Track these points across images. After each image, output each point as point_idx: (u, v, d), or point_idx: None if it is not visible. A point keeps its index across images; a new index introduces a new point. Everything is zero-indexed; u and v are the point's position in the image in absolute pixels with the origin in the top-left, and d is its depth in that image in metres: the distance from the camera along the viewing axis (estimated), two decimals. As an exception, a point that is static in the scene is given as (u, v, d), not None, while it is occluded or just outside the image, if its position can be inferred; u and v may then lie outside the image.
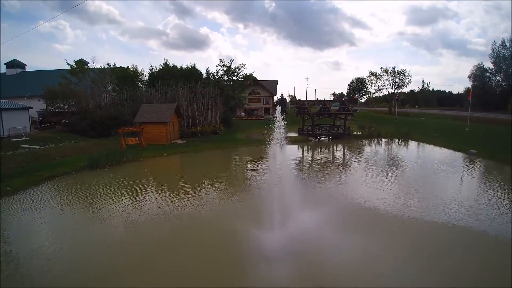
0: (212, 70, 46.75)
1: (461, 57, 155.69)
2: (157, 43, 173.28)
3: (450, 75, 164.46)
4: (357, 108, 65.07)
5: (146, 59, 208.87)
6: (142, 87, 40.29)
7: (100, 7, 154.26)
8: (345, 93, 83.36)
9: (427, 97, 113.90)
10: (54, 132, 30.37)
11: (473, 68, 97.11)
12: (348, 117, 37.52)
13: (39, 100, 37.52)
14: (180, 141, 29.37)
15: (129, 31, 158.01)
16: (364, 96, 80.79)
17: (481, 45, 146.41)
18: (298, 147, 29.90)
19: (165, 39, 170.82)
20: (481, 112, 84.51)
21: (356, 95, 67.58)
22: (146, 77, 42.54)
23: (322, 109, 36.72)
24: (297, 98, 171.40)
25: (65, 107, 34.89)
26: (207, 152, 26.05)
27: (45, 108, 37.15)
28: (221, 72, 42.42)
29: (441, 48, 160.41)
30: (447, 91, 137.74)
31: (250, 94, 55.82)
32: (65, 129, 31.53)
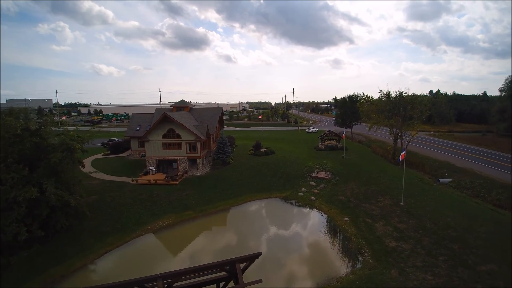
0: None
1: (466, 54, 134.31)
2: (156, 43, 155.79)
3: (455, 73, 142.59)
4: (343, 155, 44.23)
5: (147, 60, 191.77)
6: None
7: (95, 8, 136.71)
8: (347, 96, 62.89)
9: (443, 113, 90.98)
10: None
11: (506, 79, 74.57)
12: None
13: None
14: None
15: (126, 32, 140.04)
16: (359, 121, 59.35)
17: (485, 41, 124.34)
18: None
19: (162, 39, 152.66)
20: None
21: (344, 134, 47.50)
22: None
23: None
24: (290, 102, 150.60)
25: None
26: None
27: None
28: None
29: (444, 45, 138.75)
30: (456, 92, 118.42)
31: (164, 137, 34.72)
32: None
